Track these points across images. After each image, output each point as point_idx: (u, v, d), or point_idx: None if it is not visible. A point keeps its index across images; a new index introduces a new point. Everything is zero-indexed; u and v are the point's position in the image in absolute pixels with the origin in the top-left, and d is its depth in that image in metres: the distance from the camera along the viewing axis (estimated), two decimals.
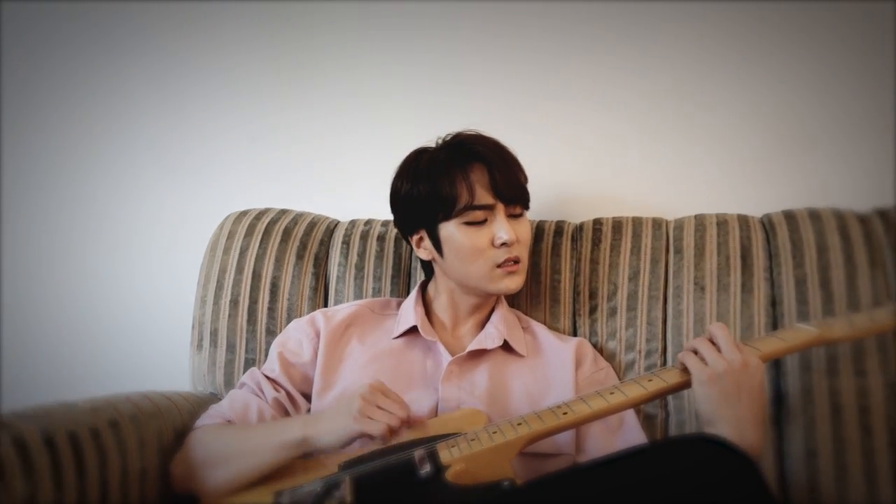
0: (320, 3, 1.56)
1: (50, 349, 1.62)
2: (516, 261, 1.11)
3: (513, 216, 1.12)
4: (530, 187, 1.17)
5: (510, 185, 1.10)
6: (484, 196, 1.09)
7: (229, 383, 1.26)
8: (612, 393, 0.96)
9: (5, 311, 1.65)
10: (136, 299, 1.60)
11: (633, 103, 1.44)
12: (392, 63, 1.54)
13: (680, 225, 1.26)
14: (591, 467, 0.75)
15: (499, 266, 1.10)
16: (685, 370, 0.95)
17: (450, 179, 1.08)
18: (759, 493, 0.69)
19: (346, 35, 1.56)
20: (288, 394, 1.13)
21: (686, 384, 0.95)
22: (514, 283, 1.12)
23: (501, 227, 1.09)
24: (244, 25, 1.59)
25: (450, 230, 1.10)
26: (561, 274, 1.27)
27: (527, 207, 1.16)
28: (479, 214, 1.09)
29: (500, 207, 1.10)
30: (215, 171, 1.59)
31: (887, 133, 1.34)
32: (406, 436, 0.98)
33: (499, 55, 1.49)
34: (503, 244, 1.09)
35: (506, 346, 1.14)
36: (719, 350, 0.93)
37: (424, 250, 1.16)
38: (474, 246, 1.09)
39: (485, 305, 1.19)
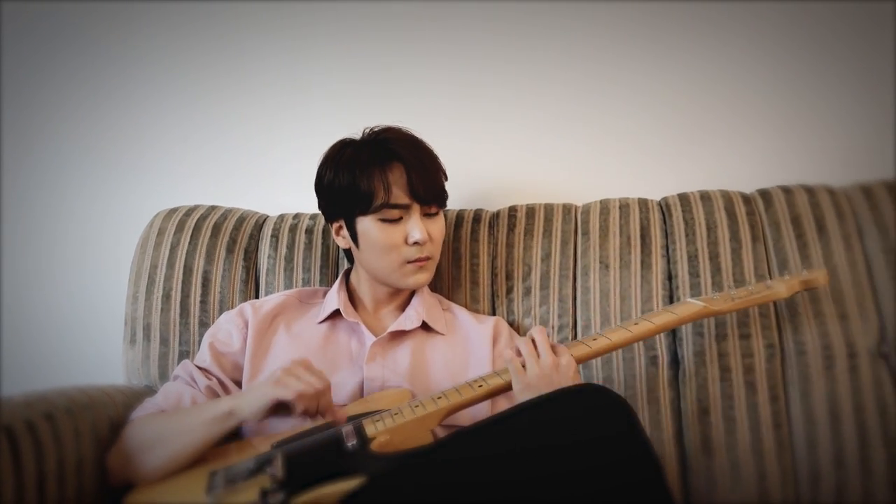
0: (248, 5, 1.60)
1: None
2: (427, 258, 1.18)
3: (428, 215, 1.18)
4: (452, 179, 1.24)
5: (426, 186, 1.16)
6: (400, 196, 1.14)
7: (164, 376, 1.30)
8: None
9: None
10: (68, 297, 1.61)
11: (544, 100, 1.53)
12: (316, 62, 1.59)
13: (587, 209, 1.36)
14: (493, 420, 0.84)
15: (409, 262, 1.17)
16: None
17: (368, 177, 1.14)
18: (630, 419, 0.80)
19: (272, 37, 1.60)
20: (220, 381, 1.17)
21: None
22: (423, 278, 1.19)
23: (415, 227, 1.15)
24: (173, 26, 1.62)
25: (366, 224, 1.16)
26: (479, 258, 1.35)
27: (443, 206, 1.22)
28: (394, 213, 1.15)
29: (416, 208, 1.16)
30: (143, 170, 1.62)
31: (769, 122, 1.48)
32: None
33: (422, 55, 1.57)
34: (415, 243, 1.15)
35: (426, 327, 1.22)
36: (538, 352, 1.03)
37: (343, 238, 1.22)
38: (388, 242, 1.15)
39: (403, 291, 1.25)
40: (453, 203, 1.44)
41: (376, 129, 1.22)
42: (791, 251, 1.23)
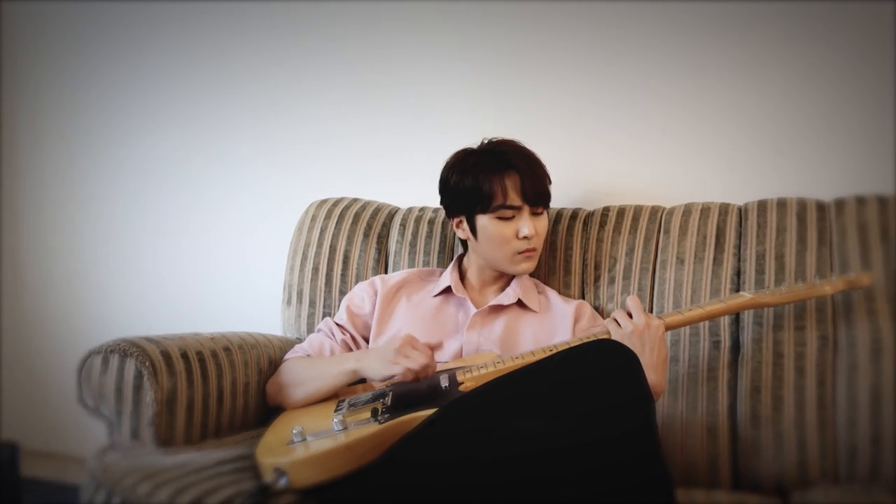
0: (386, 23, 1.91)
1: (179, 309, 2.08)
2: (533, 249, 1.42)
3: (535, 214, 1.42)
4: (556, 182, 1.46)
5: (536, 191, 1.40)
6: (514, 199, 1.39)
7: (311, 330, 1.62)
8: (582, 339, 1.28)
9: (150, 283, 2.11)
10: (242, 266, 2.03)
11: (642, 113, 1.70)
12: (443, 76, 1.86)
13: (671, 211, 1.53)
14: (528, 367, 1.10)
15: (519, 253, 1.41)
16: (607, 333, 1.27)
17: (489, 181, 1.39)
18: (632, 363, 1.02)
19: (405, 53, 1.90)
20: (352, 336, 1.48)
21: None
22: (529, 266, 1.44)
23: (525, 225, 1.39)
24: (326, 39, 1.96)
25: (484, 221, 1.41)
26: (573, 250, 1.56)
27: (547, 207, 1.46)
28: (508, 212, 1.39)
29: (526, 208, 1.40)
30: (302, 167, 1.99)
31: (860, 130, 1.56)
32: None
33: (535, 73, 1.78)
34: (524, 237, 1.40)
35: (521, 304, 1.45)
36: (631, 316, 1.25)
37: (462, 231, 1.47)
38: (502, 236, 1.40)
39: (505, 274, 1.49)
40: (556, 202, 1.67)
41: (493, 141, 1.47)
42: (853, 255, 1.33)
